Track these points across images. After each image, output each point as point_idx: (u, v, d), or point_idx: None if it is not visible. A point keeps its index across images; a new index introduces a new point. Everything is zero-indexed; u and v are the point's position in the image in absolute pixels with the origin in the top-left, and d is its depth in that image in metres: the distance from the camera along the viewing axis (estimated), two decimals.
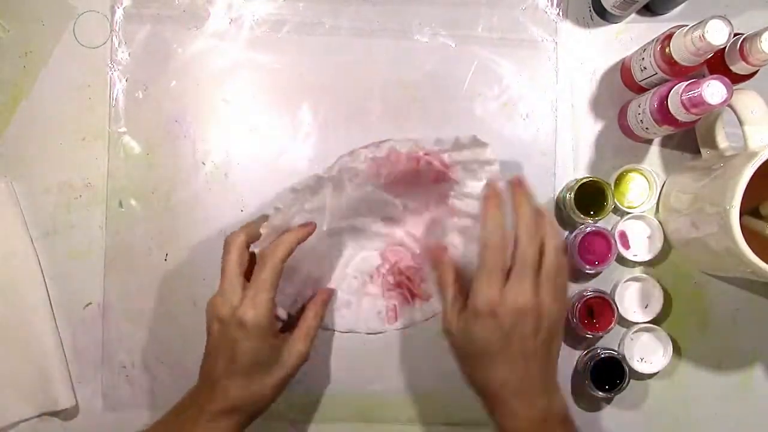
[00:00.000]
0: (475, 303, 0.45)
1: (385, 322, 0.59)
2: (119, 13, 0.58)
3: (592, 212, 0.57)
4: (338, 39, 0.59)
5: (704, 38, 0.46)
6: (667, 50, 0.51)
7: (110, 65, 0.58)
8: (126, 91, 0.58)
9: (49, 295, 0.58)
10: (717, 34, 0.46)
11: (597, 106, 0.60)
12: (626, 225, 0.59)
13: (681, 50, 0.49)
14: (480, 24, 0.60)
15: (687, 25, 0.49)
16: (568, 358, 0.59)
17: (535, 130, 0.59)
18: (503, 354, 0.45)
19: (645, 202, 0.59)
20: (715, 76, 0.47)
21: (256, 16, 0.59)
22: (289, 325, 0.53)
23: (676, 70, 0.52)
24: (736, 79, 0.51)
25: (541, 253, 0.46)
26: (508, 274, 0.45)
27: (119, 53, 0.58)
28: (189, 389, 0.51)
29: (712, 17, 0.46)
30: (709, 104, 0.46)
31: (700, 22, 0.47)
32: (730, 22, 0.46)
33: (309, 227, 0.52)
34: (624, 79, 0.59)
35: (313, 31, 0.59)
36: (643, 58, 0.54)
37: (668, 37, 0.51)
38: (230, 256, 0.50)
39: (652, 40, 0.53)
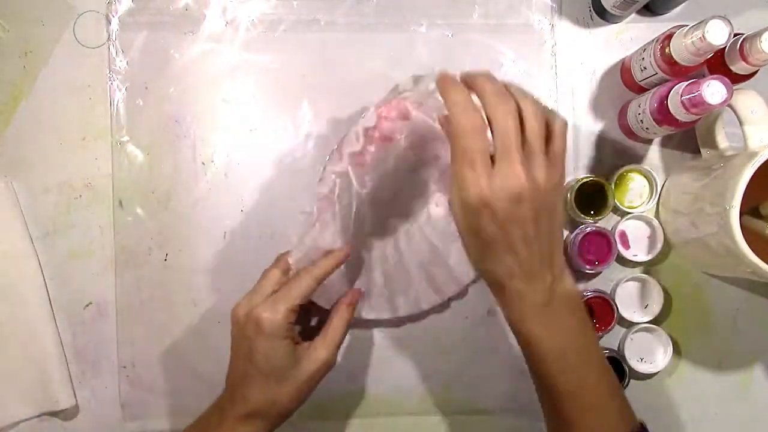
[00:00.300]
0: (465, 197, 0.40)
1: None
2: (115, 21, 0.58)
3: (592, 212, 0.58)
4: (335, 35, 0.59)
5: (704, 38, 0.46)
6: (667, 50, 0.51)
7: (109, 75, 0.58)
8: (126, 99, 0.58)
9: (49, 295, 0.57)
10: (717, 34, 0.46)
11: (597, 106, 0.60)
12: (626, 225, 0.59)
13: (681, 50, 0.49)
14: (476, 11, 0.60)
15: (687, 25, 0.49)
16: None
17: None
18: (503, 243, 0.41)
19: (645, 202, 0.59)
20: (715, 76, 0.47)
21: (252, 17, 0.59)
22: None
23: (676, 70, 0.52)
24: (736, 79, 0.51)
25: (521, 125, 0.41)
26: (492, 158, 0.40)
27: (117, 62, 0.58)
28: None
29: (712, 17, 0.46)
30: (709, 104, 0.47)
31: (700, 22, 0.47)
32: (730, 22, 0.46)
33: (345, 251, 0.51)
34: (624, 79, 0.59)
35: (308, 28, 0.59)
36: (643, 58, 0.54)
37: (668, 37, 0.51)
38: (273, 268, 0.50)
39: (652, 40, 0.53)
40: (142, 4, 0.58)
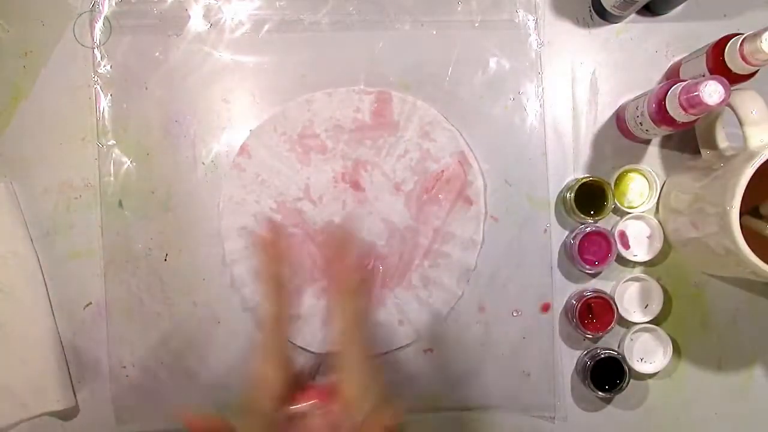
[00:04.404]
0: None
1: None
2: (98, 26, 0.58)
3: (592, 212, 0.58)
4: (319, 35, 0.60)
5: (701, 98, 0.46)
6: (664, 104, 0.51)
7: (94, 79, 0.58)
8: (111, 103, 0.58)
9: (49, 295, 0.58)
10: (713, 96, 0.46)
11: (596, 105, 0.60)
12: (626, 225, 0.59)
13: (675, 108, 0.49)
14: (459, 7, 0.60)
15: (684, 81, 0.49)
16: (568, 358, 0.59)
17: (522, 110, 0.60)
18: None
19: (645, 202, 0.59)
20: (713, 76, 0.47)
21: (236, 18, 0.59)
22: None
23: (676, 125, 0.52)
24: (736, 79, 0.51)
25: None
26: None
27: (102, 67, 0.58)
28: None
29: (710, 78, 0.46)
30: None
31: (696, 83, 0.47)
32: (727, 83, 0.46)
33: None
34: (620, 128, 0.60)
35: (293, 28, 0.59)
36: (638, 111, 0.55)
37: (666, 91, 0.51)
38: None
39: (646, 93, 0.54)
40: (126, 8, 0.59)
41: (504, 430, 0.59)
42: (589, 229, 0.57)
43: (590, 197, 0.57)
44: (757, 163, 0.46)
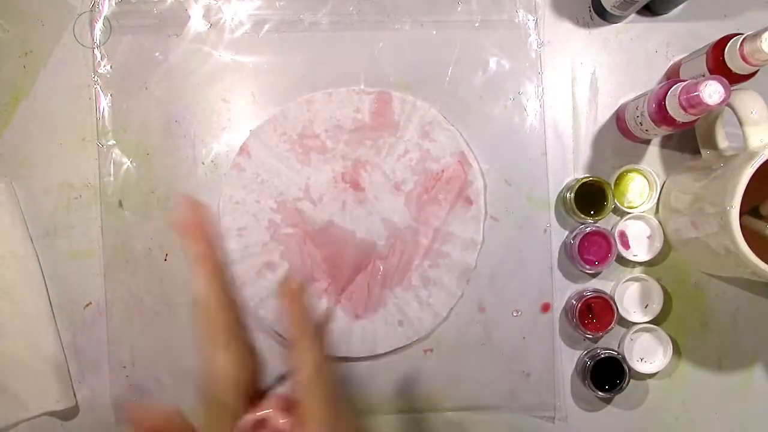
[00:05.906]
0: None
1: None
2: (98, 26, 0.58)
3: (592, 212, 0.58)
4: (319, 35, 0.60)
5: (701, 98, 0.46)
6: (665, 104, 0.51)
7: (94, 79, 0.58)
8: (111, 103, 0.58)
9: (49, 295, 0.58)
10: (713, 96, 0.46)
11: (596, 106, 0.60)
12: (626, 225, 0.59)
13: (675, 108, 0.49)
14: (459, 7, 0.60)
15: (684, 81, 0.49)
16: (568, 358, 0.59)
17: (522, 110, 0.60)
18: None
19: (645, 202, 0.59)
20: (713, 76, 0.47)
21: (236, 18, 0.59)
22: None
23: (675, 125, 0.52)
24: (736, 79, 0.51)
25: None
26: None
27: (102, 67, 0.58)
28: None
29: (710, 78, 0.46)
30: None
31: (696, 83, 0.47)
32: (727, 83, 0.46)
33: None
34: (620, 129, 0.60)
35: (293, 28, 0.59)
36: (638, 111, 0.55)
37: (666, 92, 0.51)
38: None
39: (646, 93, 0.54)
40: (126, 8, 0.58)
41: (504, 430, 0.59)
42: (589, 229, 0.57)
43: (590, 197, 0.57)
44: (757, 163, 0.46)
